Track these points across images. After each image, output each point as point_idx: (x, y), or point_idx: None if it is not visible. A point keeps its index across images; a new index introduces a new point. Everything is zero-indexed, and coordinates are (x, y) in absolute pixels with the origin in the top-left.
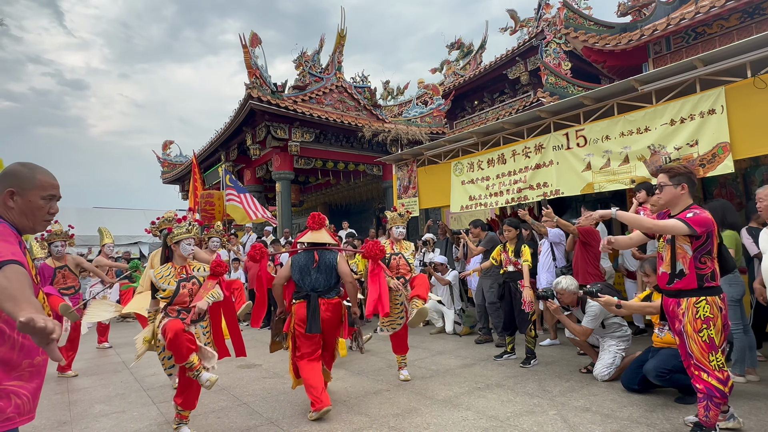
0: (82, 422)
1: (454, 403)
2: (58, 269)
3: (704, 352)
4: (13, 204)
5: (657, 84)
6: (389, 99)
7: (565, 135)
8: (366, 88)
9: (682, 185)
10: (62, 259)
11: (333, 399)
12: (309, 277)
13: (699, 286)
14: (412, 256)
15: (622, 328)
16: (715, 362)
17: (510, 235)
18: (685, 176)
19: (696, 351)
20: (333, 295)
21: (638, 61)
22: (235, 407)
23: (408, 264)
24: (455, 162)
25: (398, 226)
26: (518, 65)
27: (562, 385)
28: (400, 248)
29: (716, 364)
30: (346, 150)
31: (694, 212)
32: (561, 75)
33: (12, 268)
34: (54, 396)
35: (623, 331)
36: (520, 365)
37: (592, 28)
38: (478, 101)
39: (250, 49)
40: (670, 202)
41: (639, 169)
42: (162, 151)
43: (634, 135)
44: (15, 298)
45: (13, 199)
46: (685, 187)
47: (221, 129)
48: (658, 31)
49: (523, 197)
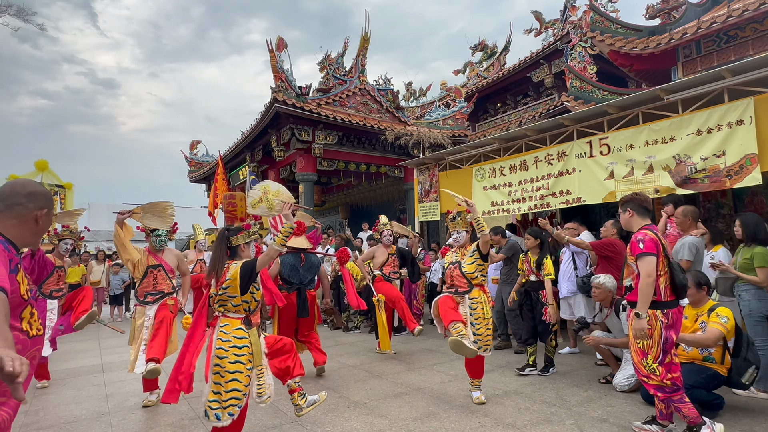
0: (119, 414)
1: (472, 409)
2: (57, 268)
3: (638, 357)
4: (41, 223)
5: (684, 93)
6: (411, 100)
7: (588, 143)
8: (389, 90)
9: (629, 210)
10: (62, 259)
11: (353, 401)
12: (298, 273)
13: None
14: (472, 265)
15: None
16: (648, 367)
17: (530, 244)
18: (631, 202)
19: (634, 356)
20: (312, 288)
21: (666, 64)
22: (260, 405)
23: (463, 275)
24: (477, 167)
25: (455, 232)
26: (542, 68)
27: (581, 394)
28: (461, 255)
29: (648, 369)
30: (368, 152)
31: (643, 235)
32: (586, 79)
33: None
34: (91, 387)
35: None
36: (538, 373)
37: (619, 31)
38: (501, 103)
39: (277, 54)
40: (626, 226)
41: (663, 179)
42: (189, 151)
43: (659, 144)
44: None
45: (42, 219)
46: (631, 211)
47: (247, 130)
48: (688, 34)
49: (546, 204)
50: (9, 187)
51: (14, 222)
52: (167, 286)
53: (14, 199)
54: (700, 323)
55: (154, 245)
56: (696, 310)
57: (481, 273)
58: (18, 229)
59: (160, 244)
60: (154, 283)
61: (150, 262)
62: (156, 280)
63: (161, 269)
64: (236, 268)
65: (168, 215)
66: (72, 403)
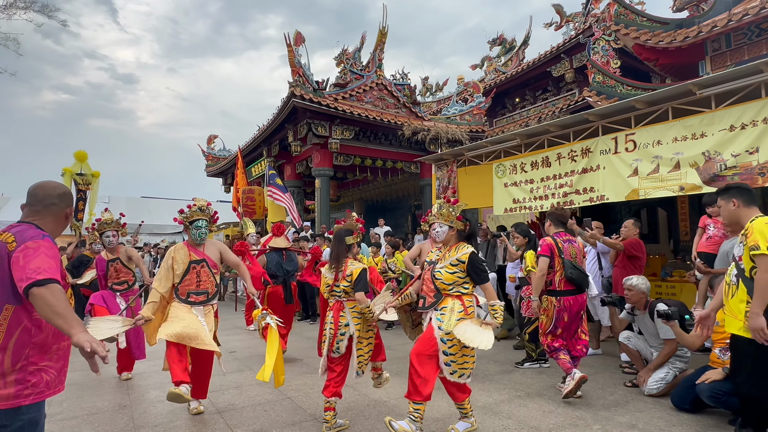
0: (140, 406)
1: (495, 410)
2: (111, 262)
3: (541, 329)
4: (69, 219)
5: (718, 88)
6: (428, 95)
7: (614, 139)
8: (406, 85)
9: (549, 221)
10: (114, 251)
11: (373, 399)
12: (282, 268)
13: (546, 288)
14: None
15: (683, 348)
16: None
17: (519, 242)
18: (551, 215)
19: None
20: (294, 279)
21: (694, 58)
22: (279, 401)
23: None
24: (497, 163)
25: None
26: (563, 62)
27: (606, 398)
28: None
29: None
30: (384, 147)
31: (543, 240)
32: (609, 73)
33: (56, 287)
34: (112, 379)
35: (684, 351)
36: (514, 364)
37: (645, 24)
38: (520, 99)
39: (294, 48)
40: (546, 232)
41: (690, 176)
42: (207, 145)
43: (688, 140)
44: (64, 316)
45: (70, 216)
46: (549, 222)
47: (264, 125)
48: (718, 27)
49: (569, 202)
50: (42, 190)
51: (51, 219)
52: (211, 285)
53: (50, 201)
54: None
55: (194, 238)
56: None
57: (461, 286)
58: (53, 225)
59: (200, 237)
60: (197, 280)
61: (192, 257)
62: (200, 276)
63: (205, 264)
64: (357, 270)
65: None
66: (94, 394)
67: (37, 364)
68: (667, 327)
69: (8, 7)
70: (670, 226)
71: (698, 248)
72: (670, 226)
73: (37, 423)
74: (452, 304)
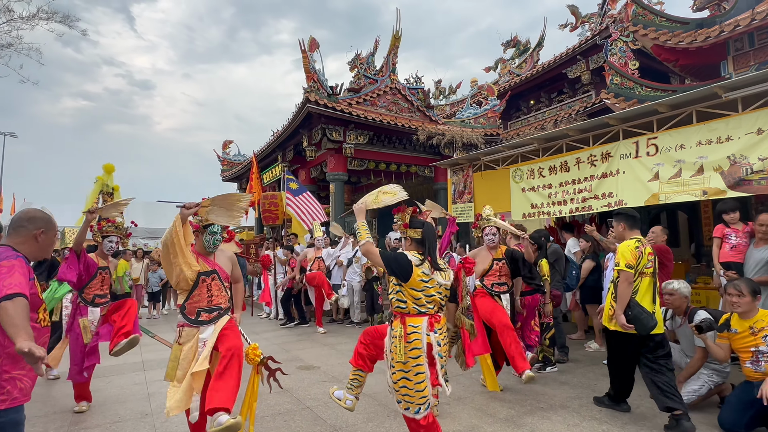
0: (162, 415)
1: (517, 423)
2: (101, 270)
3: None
4: (40, 240)
5: (744, 91)
6: (441, 98)
7: (635, 143)
8: (420, 89)
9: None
10: (107, 259)
11: (392, 409)
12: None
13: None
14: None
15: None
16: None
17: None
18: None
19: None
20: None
21: (716, 59)
22: (299, 411)
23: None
24: (514, 168)
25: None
26: (579, 64)
27: (633, 410)
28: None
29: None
30: (399, 152)
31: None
32: (627, 75)
33: (19, 301)
34: (134, 386)
35: (723, 366)
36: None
37: (664, 24)
38: (535, 101)
39: (309, 54)
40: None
41: (713, 181)
42: (222, 150)
43: (713, 144)
44: (17, 326)
45: (41, 237)
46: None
47: (278, 130)
48: (741, 27)
49: (588, 207)
50: (17, 216)
51: (21, 240)
52: (224, 300)
53: (19, 223)
54: (762, 336)
55: (207, 246)
56: (748, 321)
57: (397, 299)
58: (26, 246)
59: (214, 245)
60: (208, 295)
61: (202, 268)
62: (210, 291)
63: (216, 276)
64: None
65: (238, 209)
66: (116, 402)
67: (10, 373)
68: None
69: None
70: (691, 229)
71: (722, 258)
72: (690, 230)
73: (17, 423)
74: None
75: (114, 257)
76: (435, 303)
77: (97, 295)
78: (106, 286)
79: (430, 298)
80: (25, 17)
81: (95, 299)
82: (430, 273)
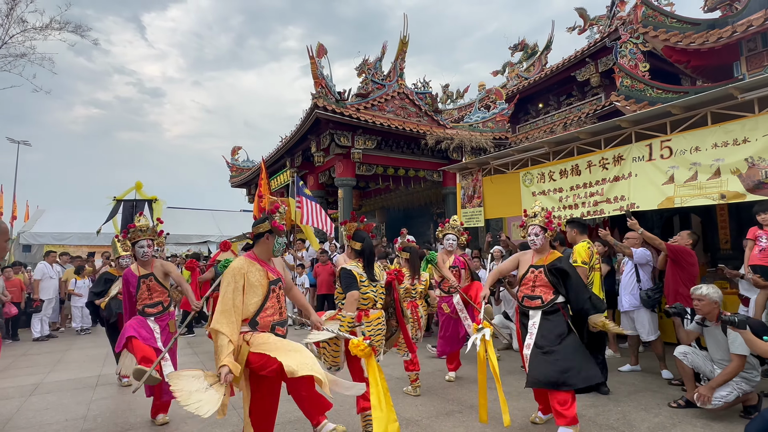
0: (173, 423)
1: (531, 431)
2: (143, 278)
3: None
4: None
5: (761, 92)
6: (448, 102)
7: (648, 146)
8: (427, 93)
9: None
10: (148, 265)
11: (404, 418)
12: None
13: None
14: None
15: (754, 370)
16: None
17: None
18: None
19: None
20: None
21: (728, 60)
22: None
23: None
24: (524, 172)
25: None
26: (588, 66)
27: (651, 420)
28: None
29: None
30: (407, 156)
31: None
32: (638, 77)
33: None
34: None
35: (753, 375)
36: None
37: (674, 25)
38: (543, 104)
39: (317, 60)
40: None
41: (731, 184)
42: (231, 156)
43: (729, 146)
44: None
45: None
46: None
47: (287, 136)
48: (754, 27)
49: (599, 211)
50: None
51: None
52: (285, 311)
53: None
54: None
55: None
56: None
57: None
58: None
59: (281, 251)
60: (279, 307)
61: (269, 277)
62: (280, 302)
63: (282, 285)
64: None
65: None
66: (127, 409)
67: None
68: (740, 340)
69: (44, 28)
70: (705, 233)
71: (751, 261)
72: (705, 233)
73: None
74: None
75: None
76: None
77: (147, 305)
78: (156, 294)
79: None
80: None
81: (144, 309)
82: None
